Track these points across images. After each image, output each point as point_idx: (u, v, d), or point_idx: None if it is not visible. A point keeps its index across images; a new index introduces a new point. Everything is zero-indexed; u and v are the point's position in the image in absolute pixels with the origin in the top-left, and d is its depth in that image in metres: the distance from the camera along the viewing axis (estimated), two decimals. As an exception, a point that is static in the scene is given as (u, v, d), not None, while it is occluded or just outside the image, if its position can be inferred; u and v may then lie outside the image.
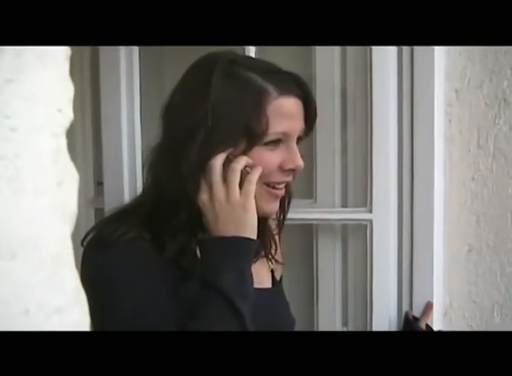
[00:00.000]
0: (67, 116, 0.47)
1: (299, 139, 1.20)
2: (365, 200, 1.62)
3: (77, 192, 0.49)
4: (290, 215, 1.68)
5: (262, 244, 1.31)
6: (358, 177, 1.72)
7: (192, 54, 1.21)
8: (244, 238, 1.10)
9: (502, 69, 1.50)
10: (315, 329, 1.82)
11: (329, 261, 1.80)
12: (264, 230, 1.29)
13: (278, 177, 1.17)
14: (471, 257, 1.58)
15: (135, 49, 1.74)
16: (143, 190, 1.27)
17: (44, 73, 0.46)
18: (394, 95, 1.56)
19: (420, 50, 1.52)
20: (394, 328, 1.61)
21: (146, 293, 1.08)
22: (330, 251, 1.80)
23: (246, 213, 1.10)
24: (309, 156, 1.77)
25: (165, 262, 1.11)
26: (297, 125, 1.17)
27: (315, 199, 1.77)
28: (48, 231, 0.47)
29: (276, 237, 1.40)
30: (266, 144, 1.13)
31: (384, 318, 1.61)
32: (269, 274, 1.38)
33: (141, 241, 1.11)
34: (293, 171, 1.18)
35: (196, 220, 1.15)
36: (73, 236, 0.52)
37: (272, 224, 1.37)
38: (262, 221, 1.21)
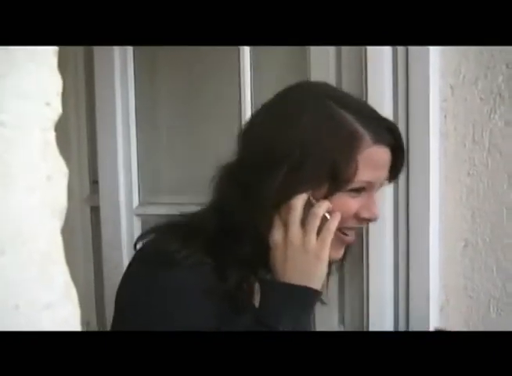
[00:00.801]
0: (56, 110, 0.47)
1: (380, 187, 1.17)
2: (360, 196, 1.62)
3: (67, 187, 0.48)
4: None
5: None
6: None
7: (185, 54, 1.21)
8: (312, 289, 1.05)
9: (498, 65, 1.50)
10: (312, 327, 1.82)
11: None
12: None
13: (352, 224, 1.13)
14: (467, 252, 1.58)
15: (130, 48, 1.75)
16: (206, 207, 1.17)
17: (32, 66, 0.46)
18: (389, 92, 1.56)
19: (415, 47, 1.52)
20: (391, 324, 1.61)
21: (202, 320, 1.02)
22: (326, 247, 1.79)
23: (320, 263, 1.06)
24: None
25: (224, 292, 1.06)
26: (383, 175, 1.14)
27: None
28: (38, 227, 0.47)
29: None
30: (349, 191, 1.09)
31: (381, 314, 1.61)
32: None
33: (205, 266, 1.05)
34: (368, 220, 1.14)
35: (262, 256, 1.10)
36: (66, 232, 0.52)
37: None
38: None
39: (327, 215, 1.07)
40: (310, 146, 1.04)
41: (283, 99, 1.14)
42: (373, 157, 1.08)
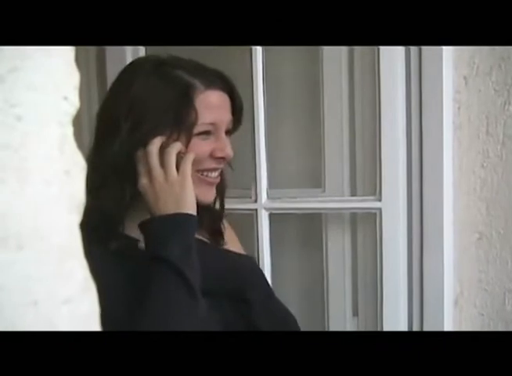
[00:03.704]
0: (73, 104, 0.46)
1: (228, 132, 1.27)
2: (374, 188, 1.62)
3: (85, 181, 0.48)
4: (299, 205, 1.68)
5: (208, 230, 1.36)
6: (366, 166, 1.71)
7: (197, 53, 1.23)
8: (185, 214, 1.15)
9: (512, 55, 1.49)
10: (326, 319, 1.82)
11: (338, 250, 1.80)
12: (207, 218, 1.34)
13: (209, 164, 1.23)
14: (481, 244, 1.57)
15: (141, 47, 1.75)
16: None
17: (49, 60, 0.46)
18: (402, 83, 1.55)
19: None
20: (405, 318, 1.60)
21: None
22: (340, 240, 1.80)
23: (185, 190, 1.16)
24: (317, 145, 1.76)
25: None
26: (224, 116, 1.24)
27: (324, 188, 1.77)
28: (55, 222, 0.47)
29: (222, 226, 1.40)
30: (197, 135, 1.20)
31: (395, 307, 1.60)
32: None
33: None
34: (223, 159, 1.24)
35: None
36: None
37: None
38: (202, 211, 1.25)
39: (182, 155, 1.18)
40: (145, 102, 1.18)
41: (120, 74, 1.27)
42: (209, 100, 1.20)
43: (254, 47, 1.56)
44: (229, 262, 1.29)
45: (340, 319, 1.79)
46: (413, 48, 1.54)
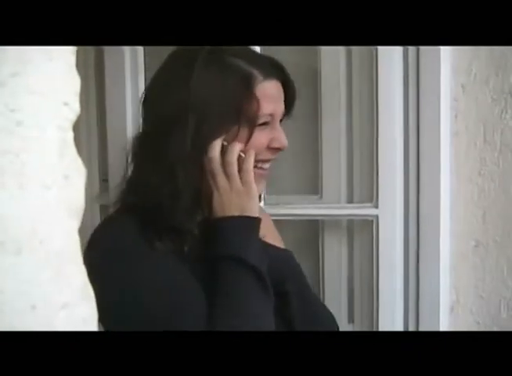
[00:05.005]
0: (74, 109, 0.46)
1: (280, 121, 1.24)
2: (371, 195, 1.62)
3: (84, 187, 0.48)
4: (296, 211, 1.68)
5: None
6: (364, 172, 1.71)
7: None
8: (254, 217, 1.15)
9: (509, 63, 1.49)
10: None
11: (335, 257, 1.80)
12: None
13: (265, 155, 1.21)
14: (478, 252, 1.57)
15: (140, 48, 1.75)
16: (127, 183, 1.24)
17: (49, 66, 0.46)
18: (400, 91, 1.56)
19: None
20: (400, 325, 1.60)
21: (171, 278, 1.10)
22: (336, 246, 1.80)
23: (251, 200, 1.15)
24: (315, 152, 1.76)
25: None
26: (280, 107, 1.22)
27: (321, 195, 1.77)
28: (54, 226, 0.47)
29: None
30: (257, 126, 1.17)
31: (391, 314, 1.60)
32: None
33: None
34: (279, 149, 1.22)
35: (196, 209, 1.18)
36: (80, 232, 0.51)
37: None
38: None
39: (242, 154, 1.16)
40: (207, 95, 1.13)
41: (172, 59, 1.22)
42: (268, 91, 1.17)
43: (252, 47, 1.56)
44: (269, 256, 1.25)
45: (336, 325, 1.79)
46: (411, 56, 1.54)
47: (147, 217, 1.13)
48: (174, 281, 1.09)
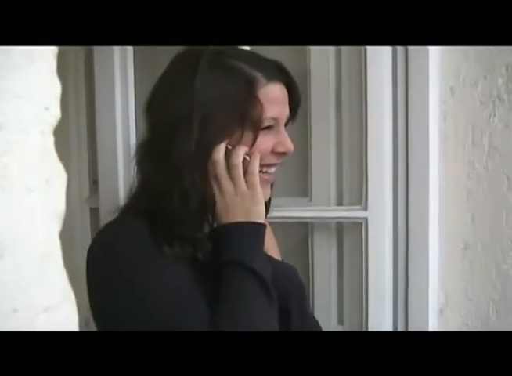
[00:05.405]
0: (54, 114, 0.46)
1: (285, 125, 1.23)
2: (360, 198, 1.62)
3: (66, 191, 0.48)
4: (285, 214, 1.68)
5: None
6: (353, 175, 1.72)
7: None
8: (260, 223, 1.14)
9: (497, 67, 1.50)
10: (311, 327, 1.82)
11: (324, 259, 1.80)
12: None
13: (270, 159, 1.20)
14: (467, 254, 1.58)
15: (130, 49, 1.74)
16: (135, 189, 1.23)
17: (31, 70, 0.46)
18: (388, 93, 1.56)
19: (414, 48, 1.52)
20: (389, 326, 1.61)
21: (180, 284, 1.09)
22: (326, 249, 1.80)
23: (257, 204, 1.15)
24: (304, 154, 1.76)
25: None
26: (284, 110, 1.21)
27: (311, 197, 1.77)
28: (36, 230, 0.47)
29: None
30: (261, 130, 1.16)
31: (380, 316, 1.61)
32: None
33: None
34: (284, 154, 1.22)
35: (202, 214, 1.17)
36: (65, 234, 0.51)
37: None
38: None
39: (247, 157, 1.15)
40: (210, 98, 1.12)
41: (175, 63, 1.22)
42: (271, 94, 1.16)
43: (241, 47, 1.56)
44: (275, 270, 1.22)
45: (326, 327, 1.79)
46: (400, 59, 1.54)
47: (155, 221, 1.12)
48: (178, 287, 1.08)
